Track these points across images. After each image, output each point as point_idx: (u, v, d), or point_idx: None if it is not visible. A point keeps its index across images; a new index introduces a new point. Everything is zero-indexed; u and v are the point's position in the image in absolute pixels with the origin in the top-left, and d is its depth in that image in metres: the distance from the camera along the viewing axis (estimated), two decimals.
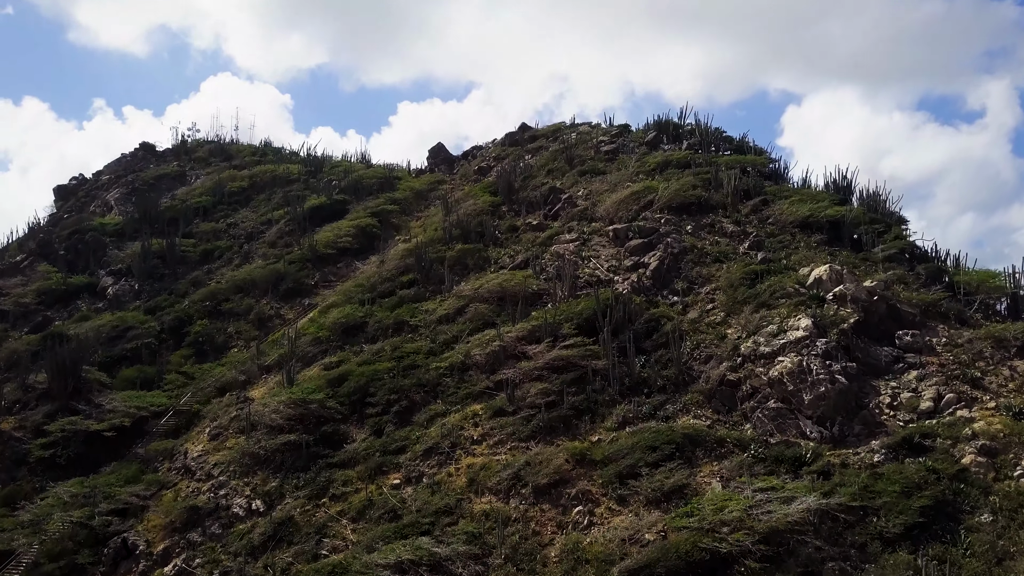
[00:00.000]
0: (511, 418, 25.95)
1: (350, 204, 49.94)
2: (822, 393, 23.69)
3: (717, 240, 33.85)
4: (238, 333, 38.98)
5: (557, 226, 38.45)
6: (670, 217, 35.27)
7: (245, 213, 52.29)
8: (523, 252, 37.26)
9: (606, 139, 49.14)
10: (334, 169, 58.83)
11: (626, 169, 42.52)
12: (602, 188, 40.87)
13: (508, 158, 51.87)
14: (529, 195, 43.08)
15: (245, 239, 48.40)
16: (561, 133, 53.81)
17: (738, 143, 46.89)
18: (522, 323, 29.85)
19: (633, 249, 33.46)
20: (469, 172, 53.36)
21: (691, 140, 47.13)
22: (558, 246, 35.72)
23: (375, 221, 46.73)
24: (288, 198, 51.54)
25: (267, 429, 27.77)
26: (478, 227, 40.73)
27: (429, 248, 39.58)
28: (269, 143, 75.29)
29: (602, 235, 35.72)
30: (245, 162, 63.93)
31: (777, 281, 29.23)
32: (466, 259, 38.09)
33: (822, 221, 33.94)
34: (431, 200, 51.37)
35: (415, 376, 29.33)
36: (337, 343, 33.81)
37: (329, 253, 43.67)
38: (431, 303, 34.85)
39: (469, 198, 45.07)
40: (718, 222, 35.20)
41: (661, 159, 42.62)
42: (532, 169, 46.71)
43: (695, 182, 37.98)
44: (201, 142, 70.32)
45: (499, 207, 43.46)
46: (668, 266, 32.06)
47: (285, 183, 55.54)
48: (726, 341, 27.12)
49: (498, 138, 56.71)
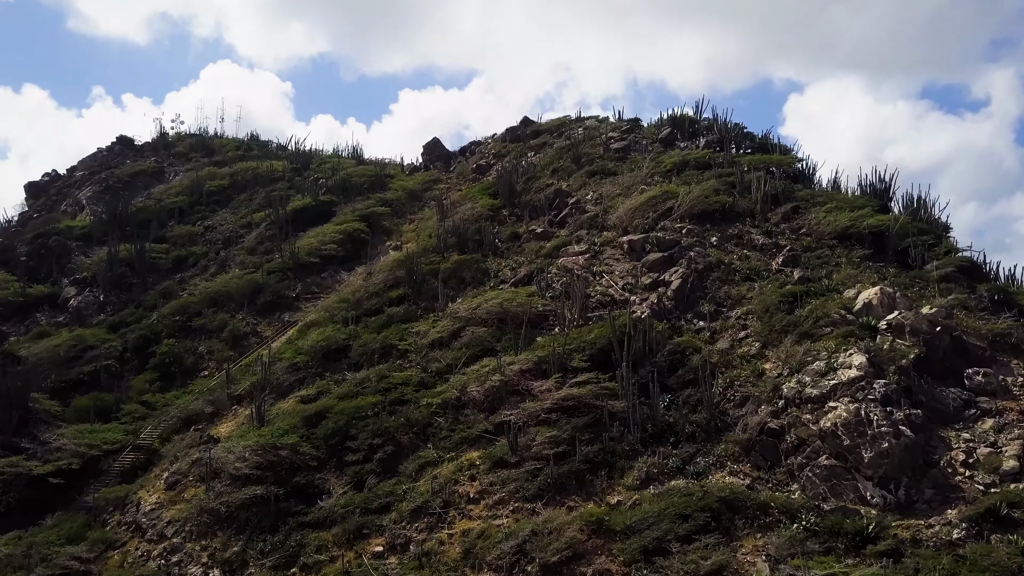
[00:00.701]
0: (514, 471, 22.12)
1: (337, 206, 46.01)
2: (884, 450, 19.85)
3: (746, 254, 29.94)
4: (209, 353, 35.15)
5: (564, 235, 34.53)
6: (692, 227, 31.33)
7: (224, 215, 48.30)
8: (526, 264, 33.36)
9: (616, 135, 45.12)
10: (322, 166, 54.81)
11: (639, 170, 38.55)
12: (613, 191, 36.93)
13: (509, 155, 47.87)
14: (532, 198, 39.15)
15: (222, 244, 44.45)
16: (566, 128, 49.77)
17: (761, 140, 42.87)
18: (526, 353, 25.99)
19: (651, 264, 29.54)
20: (467, 170, 49.37)
21: (709, 137, 43.12)
22: (566, 259, 31.81)
23: (363, 225, 42.82)
24: (271, 199, 47.55)
25: (231, 479, 23.92)
26: (476, 234, 36.83)
27: (421, 259, 35.67)
28: (256, 136, 71.12)
29: (615, 246, 31.80)
30: (228, 157, 59.85)
31: (819, 305, 25.34)
32: (463, 271, 34.20)
33: (864, 232, 30.04)
34: (425, 201, 47.45)
35: (403, 414, 25.52)
36: (316, 370, 29.97)
37: (312, 262, 39.78)
38: (423, 323, 30.99)
39: (466, 200, 41.11)
40: (746, 233, 31.28)
41: (678, 159, 38.63)
42: (535, 168, 42.73)
43: (718, 186, 34.06)
44: (183, 135, 66.22)
45: (499, 211, 39.54)
46: (692, 285, 28.17)
47: (268, 182, 51.53)
48: (765, 379, 23.26)
49: (498, 133, 52.75)
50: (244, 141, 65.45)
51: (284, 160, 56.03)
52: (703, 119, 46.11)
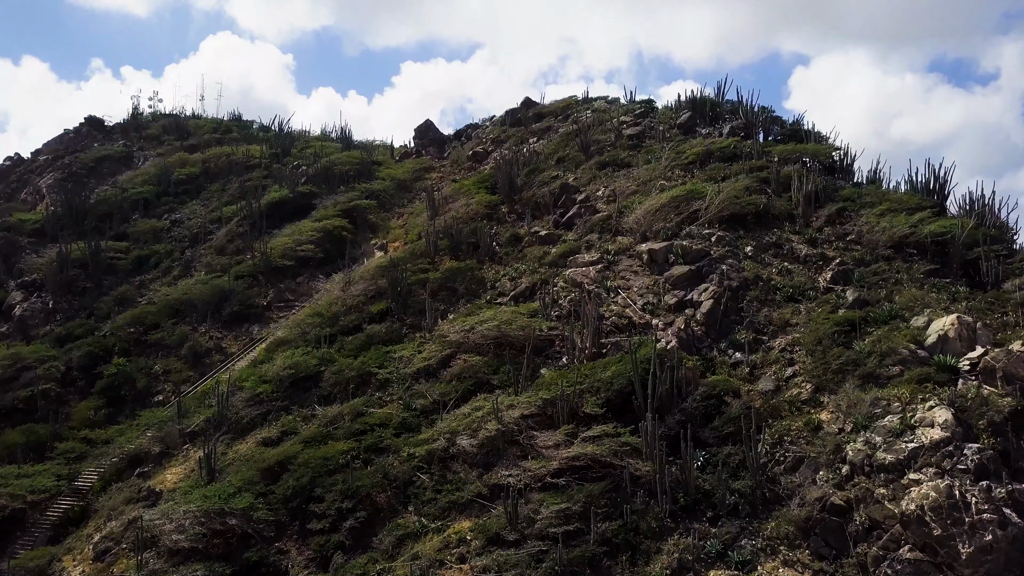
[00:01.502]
0: (513, 552, 17.82)
1: (318, 198, 41.37)
2: (987, 543, 15.54)
3: (787, 267, 25.43)
4: (166, 374, 30.79)
5: (572, 239, 30.00)
6: (723, 233, 26.78)
7: (194, 207, 43.68)
8: (528, 274, 28.88)
9: (628, 120, 40.35)
10: (304, 151, 50.04)
11: (657, 162, 33.88)
12: (628, 187, 32.30)
13: (509, 141, 43.12)
14: (535, 193, 34.54)
15: (189, 242, 39.90)
16: (572, 110, 44.94)
17: (792, 127, 38.14)
18: (528, 395, 21.58)
19: (677, 280, 25.04)
20: (462, 158, 44.64)
21: (733, 123, 38.38)
22: (574, 270, 27.30)
23: (345, 222, 38.24)
24: (245, 189, 42.94)
25: (168, 553, 19.64)
26: (471, 236, 32.29)
27: (408, 265, 31.20)
28: (238, 116, 66.12)
29: (632, 256, 27.29)
30: (204, 140, 55.04)
31: (883, 337, 20.91)
32: (455, 281, 29.74)
33: (925, 241, 25.52)
34: (415, 192, 42.79)
35: (380, 466, 21.21)
36: (282, 402, 25.65)
37: (286, 265, 35.27)
38: (407, 346, 26.59)
39: (460, 195, 36.48)
40: (786, 241, 26.74)
41: (700, 149, 33.94)
42: (538, 158, 38.04)
43: (750, 183, 29.45)
44: (157, 116, 61.37)
45: (497, 208, 34.96)
46: (726, 306, 23.71)
47: (244, 169, 46.83)
48: (823, 436, 18.88)
49: (497, 115, 47.87)
50: (223, 122, 60.57)
51: (264, 144, 51.30)
52: (725, 102, 41.36)
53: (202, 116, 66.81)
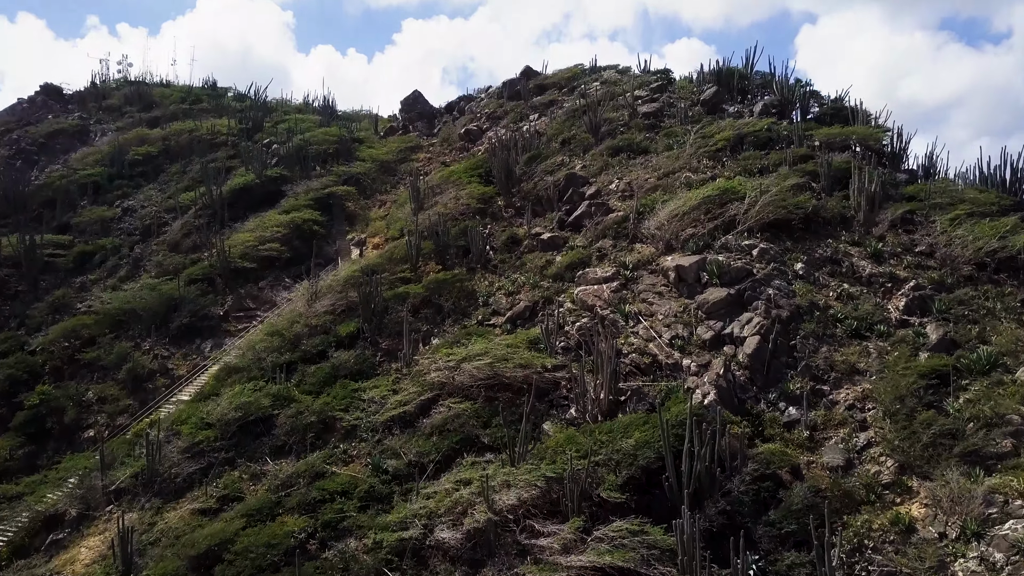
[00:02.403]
0: None
1: (289, 183, 36.31)
2: None
3: (848, 290, 20.60)
4: (100, 402, 26.15)
5: (580, 245, 25.11)
6: (767, 245, 21.88)
7: (150, 192, 38.65)
8: (528, 288, 24.06)
9: (644, 94, 35.10)
10: (278, 126, 44.74)
11: (680, 148, 28.81)
12: (647, 179, 27.29)
13: (506, 118, 37.94)
14: (537, 185, 29.52)
15: (140, 236, 34.96)
16: (579, 81, 39.65)
17: (833, 104, 32.94)
18: (527, 466, 16.88)
19: (712, 307, 20.21)
20: (453, 136, 39.45)
21: (767, 99, 33.21)
22: (584, 288, 22.46)
23: (317, 214, 33.27)
24: (207, 172, 37.83)
25: None
26: (460, 238, 27.39)
27: (386, 273, 26.39)
28: (212, 83, 60.46)
29: (655, 271, 22.42)
30: (169, 112, 49.70)
31: (984, 394, 16.28)
32: (440, 295, 24.93)
33: (1018, 258, 20.69)
34: (400, 176, 37.77)
35: (340, 555, 16.63)
36: (227, 452, 20.99)
37: (247, 267, 30.38)
38: (380, 382, 21.88)
39: (450, 185, 31.44)
40: (844, 254, 21.87)
41: (730, 132, 28.87)
42: (540, 141, 32.90)
43: (795, 178, 24.51)
44: (120, 83, 55.81)
45: (492, 201, 29.98)
46: (775, 344, 18.92)
47: (209, 147, 41.62)
48: (918, 544, 14.23)
49: (494, 86, 42.51)
50: (193, 90, 55.11)
51: (236, 117, 45.98)
52: (755, 74, 36.09)
53: (173, 83, 61.53)
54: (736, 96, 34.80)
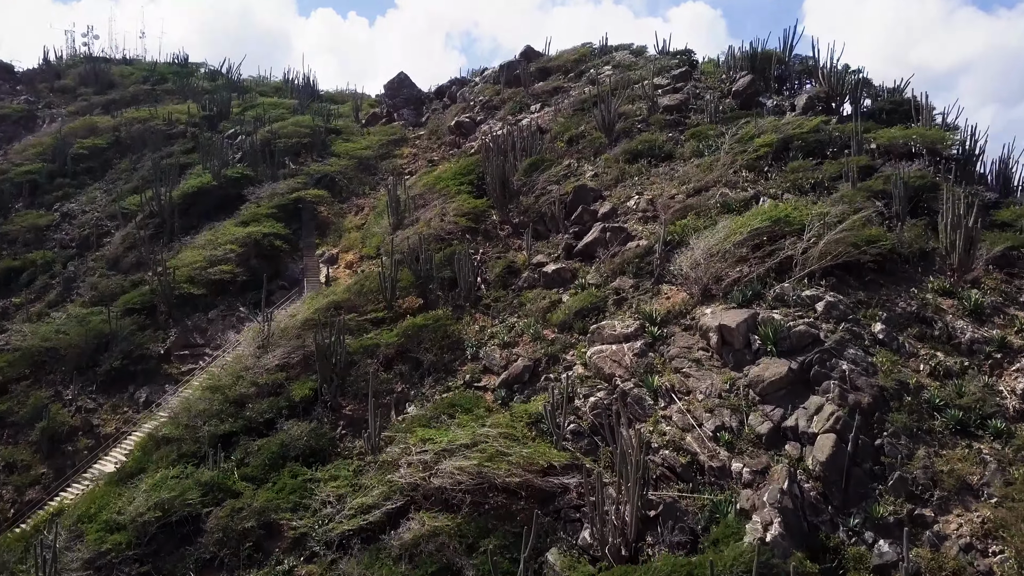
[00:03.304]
0: None
1: (253, 185, 31.30)
2: None
3: (944, 363, 15.80)
4: (8, 469, 21.58)
5: (593, 281, 20.27)
6: (834, 297, 17.01)
7: (94, 192, 33.69)
8: (528, 341, 19.29)
9: (665, 83, 29.92)
10: (246, 113, 39.55)
11: (713, 154, 23.81)
12: (673, 195, 22.34)
13: (504, 108, 32.78)
14: (539, 200, 24.54)
15: (77, 248, 30.09)
16: (587, 64, 34.40)
17: (891, 97, 27.80)
18: None
19: (768, 388, 15.43)
20: (443, 128, 34.33)
21: (811, 91, 28.10)
22: (599, 350, 17.67)
23: (281, 227, 28.38)
24: (160, 170, 32.85)
25: None
26: (446, 266, 22.55)
27: (355, 312, 21.61)
28: (184, 59, 55.08)
29: (690, 327, 17.59)
30: (129, 95, 44.52)
31: None
32: (419, 345, 20.14)
33: None
34: (382, 175, 32.81)
35: None
36: (142, 565, 16.39)
37: (196, 295, 25.57)
38: (339, 470, 17.23)
39: (435, 195, 26.49)
40: (935, 309, 17.01)
41: (772, 136, 23.82)
42: (542, 142, 27.82)
43: (860, 197, 19.63)
44: (76, 61, 50.35)
45: (486, 216, 25.06)
46: (857, 446, 14.18)
47: (166, 139, 36.58)
48: None
49: (490, 69, 37.24)
50: (157, 68, 49.71)
51: (199, 102, 40.77)
52: (794, 58, 30.86)
53: (139, 60, 56.01)
54: (773, 85, 29.68)
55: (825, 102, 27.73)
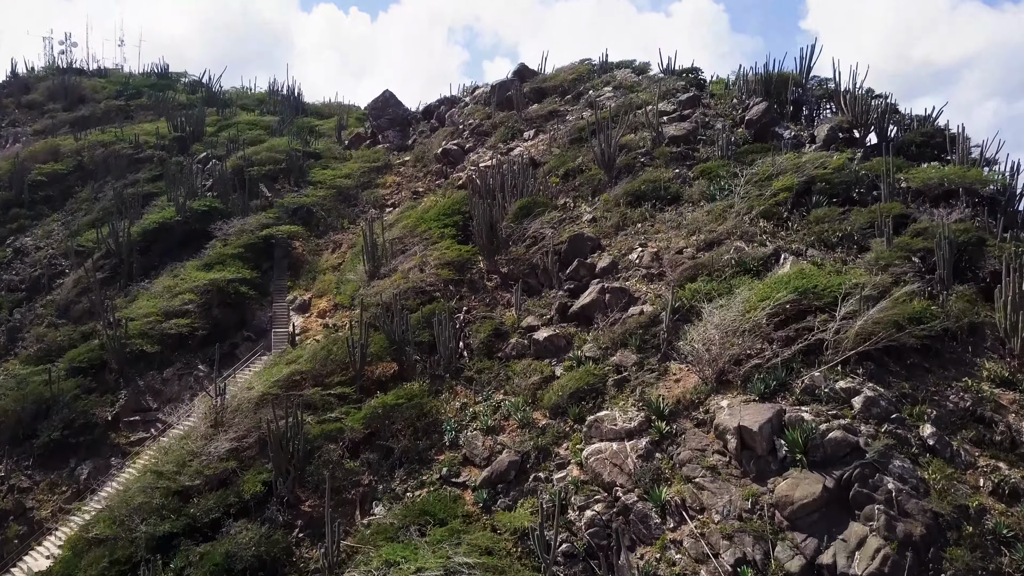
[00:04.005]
0: None
1: (222, 219, 28.64)
2: None
3: (1008, 478, 13.20)
4: None
5: (591, 353, 17.66)
6: (875, 392, 14.40)
7: (51, 225, 31.09)
8: (515, 431, 16.70)
9: (671, 108, 27.25)
10: (222, 132, 36.85)
11: (726, 197, 21.16)
12: (682, 246, 19.70)
13: (494, 135, 30.10)
14: (529, 249, 21.85)
15: (27, 291, 27.51)
16: (585, 85, 31.70)
17: (921, 128, 25.11)
18: None
19: (798, 512, 12.86)
20: (429, 155, 31.67)
21: (833, 120, 25.42)
22: (598, 449, 15.09)
23: (249, 271, 25.79)
24: (121, 201, 30.29)
25: None
26: (424, 327, 19.94)
27: (320, 386, 19.03)
28: (163, 70, 52.25)
29: (703, 422, 14.98)
30: (101, 110, 41.89)
31: None
32: (391, 426, 17.56)
33: None
34: (362, 206, 30.23)
35: None
36: None
37: (148, 352, 22.97)
38: None
39: (416, 238, 23.86)
40: (994, 405, 14.42)
41: (793, 178, 21.16)
42: (536, 179, 25.13)
43: (896, 257, 17.08)
44: (47, 72, 47.68)
45: (471, 265, 22.44)
46: None
47: (132, 164, 33.96)
48: None
49: (481, 87, 34.47)
50: (132, 81, 47.02)
51: (174, 120, 38.06)
52: (812, 80, 28.16)
53: (116, 70, 53.30)
54: (789, 110, 27.02)
55: (848, 132, 25.10)
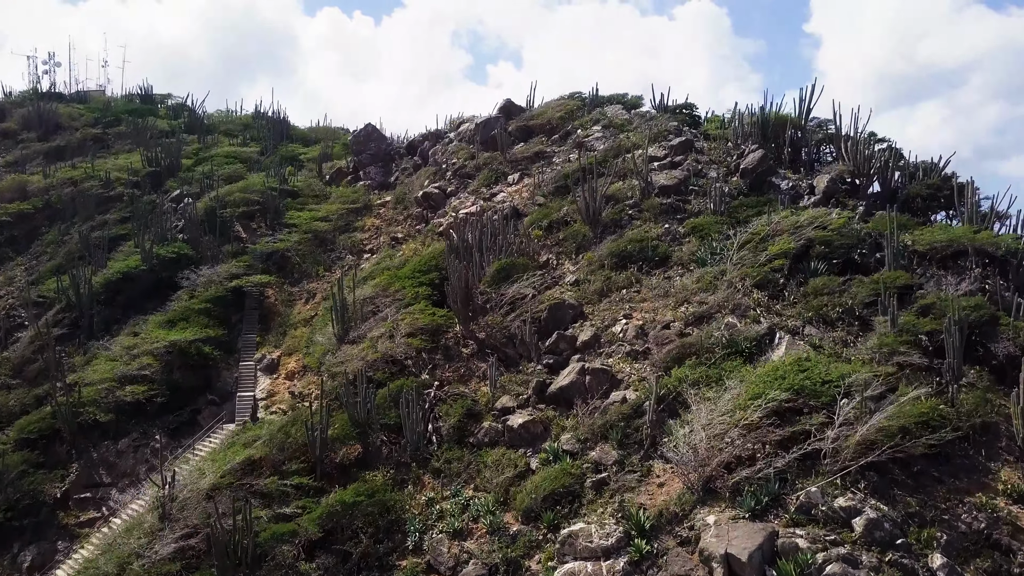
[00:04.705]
0: None
1: (190, 268, 27.19)
2: None
3: None
4: None
5: (567, 443, 16.18)
6: (878, 512, 12.87)
7: (14, 270, 29.74)
8: (483, 537, 15.24)
9: (661, 155, 25.77)
10: (198, 168, 35.39)
11: (718, 261, 19.69)
12: (669, 321, 18.23)
13: (479, 177, 28.67)
14: (507, 317, 20.35)
15: None
16: (572, 125, 30.20)
17: (925, 177, 23.64)
18: None
19: None
20: (410, 197, 30.23)
21: (833, 170, 23.96)
22: (571, 571, 13.58)
23: (215, 329, 24.43)
24: (86, 243, 28.91)
25: None
26: (391, 407, 18.48)
27: (276, 474, 17.58)
28: (147, 92, 50.75)
29: (687, 541, 13.48)
30: (77, 140, 40.53)
31: None
32: (349, 525, 16.09)
33: None
34: (339, 252, 28.86)
35: None
36: None
37: (101, 422, 21.55)
38: None
39: (389, 299, 22.40)
40: (1007, 529, 12.93)
41: (790, 242, 19.69)
42: (518, 232, 23.65)
43: (901, 344, 15.65)
44: (26, 97, 46.32)
45: (446, 330, 20.98)
46: None
47: (102, 203, 32.56)
48: None
49: (468, 124, 32.95)
50: (112, 107, 45.60)
51: (152, 150, 36.60)
52: (811, 122, 26.67)
53: (98, 91, 51.99)
54: (788, 155, 25.55)
55: (850, 184, 23.65)
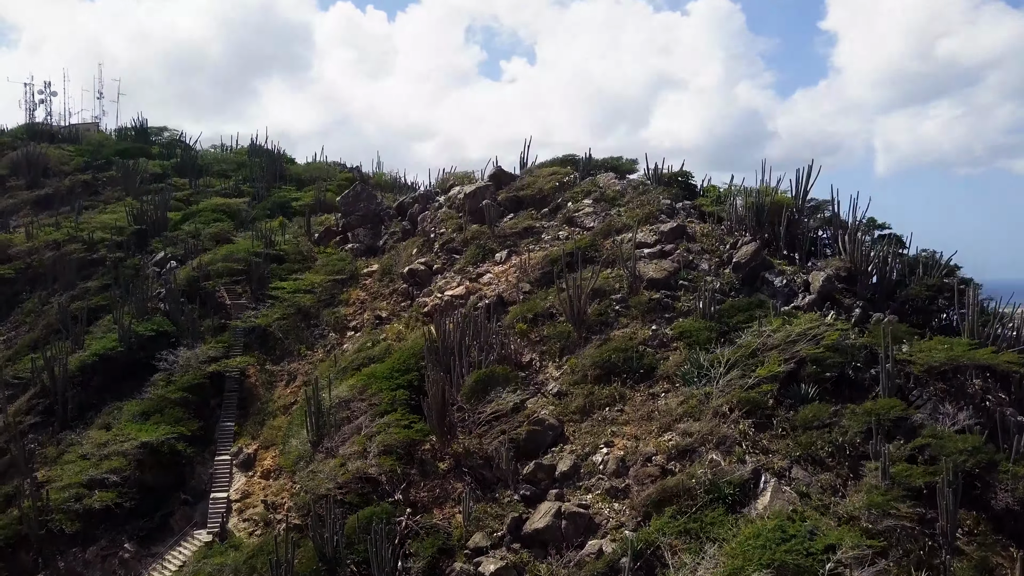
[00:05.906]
0: None
1: (168, 348, 26.37)
2: None
3: None
4: None
5: None
6: None
7: None
8: None
9: (651, 240, 24.85)
10: (183, 225, 34.64)
11: (703, 383, 18.84)
12: (651, 453, 17.41)
13: (465, 253, 27.83)
14: (482, 439, 19.52)
15: None
16: (563, 195, 29.19)
17: (925, 274, 22.72)
18: None
19: None
20: (397, 267, 29.41)
21: (829, 268, 23.06)
22: None
23: (192, 417, 23.80)
24: (67, 316, 28.27)
25: None
26: (361, 536, 17.72)
27: None
28: (142, 126, 49.98)
29: None
30: (66, 186, 39.99)
31: None
32: None
33: None
34: (323, 328, 28.11)
35: None
36: None
37: (70, 534, 20.89)
38: None
39: (365, 404, 21.61)
40: None
41: (778, 366, 18.81)
42: (501, 325, 22.83)
43: (898, 496, 14.82)
44: (16, 135, 45.73)
45: (422, 444, 20.20)
46: None
47: (83, 267, 31.91)
48: None
49: (456, 189, 32.02)
50: (104, 148, 44.83)
51: (140, 199, 35.90)
52: (808, 204, 25.69)
53: (94, 124, 51.49)
54: (783, 243, 24.60)
55: (847, 281, 22.75)
